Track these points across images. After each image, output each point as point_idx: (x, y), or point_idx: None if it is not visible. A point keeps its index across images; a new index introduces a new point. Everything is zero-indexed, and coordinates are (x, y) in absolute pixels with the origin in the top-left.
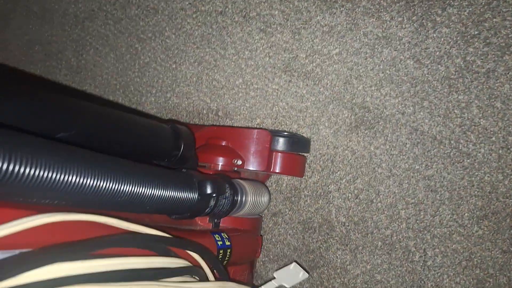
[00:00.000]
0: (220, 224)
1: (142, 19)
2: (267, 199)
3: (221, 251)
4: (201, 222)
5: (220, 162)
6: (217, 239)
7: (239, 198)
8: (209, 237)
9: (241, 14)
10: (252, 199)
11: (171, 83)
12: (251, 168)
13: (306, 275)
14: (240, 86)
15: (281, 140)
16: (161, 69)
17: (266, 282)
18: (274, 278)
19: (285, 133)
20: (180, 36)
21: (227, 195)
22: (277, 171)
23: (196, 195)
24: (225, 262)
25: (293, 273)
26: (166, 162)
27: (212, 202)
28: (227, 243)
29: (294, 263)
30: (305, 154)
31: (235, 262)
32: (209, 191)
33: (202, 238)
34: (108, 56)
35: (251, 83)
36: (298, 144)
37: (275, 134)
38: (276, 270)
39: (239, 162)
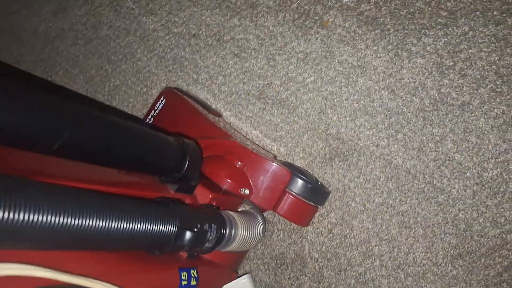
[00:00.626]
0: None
1: (114, 40)
2: (259, 233)
3: None
4: None
5: (227, 185)
6: (183, 278)
7: (226, 236)
8: (173, 273)
9: (214, 38)
10: (242, 236)
11: (142, 108)
12: (256, 202)
13: None
14: None
15: (300, 184)
16: (131, 92)
17: None
18: None
19: (306, 178)
20: (151, 59)
21: (209, 237)
22: (281, 213)
23: (172, 240)
24: None
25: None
26: (164, 179)
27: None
28: (193, 283)
29: (248, 276)
30: (318, 206)
31: None
32: (184, 243)
33: (165, 272)
34: (77, 78)
35: (224, 110)
36: (316, 194)
37: (295, 173)
38: (227, 283)
39: (246, 192)
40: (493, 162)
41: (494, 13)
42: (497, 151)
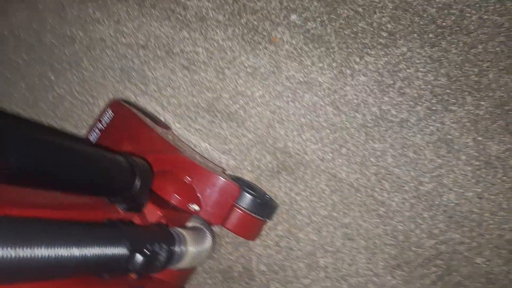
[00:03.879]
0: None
1: (58, 47)
2: (208, 249)
3: None
4: None
5: (175, 201)
6: None
7: (176, 254)
8: None
9: (164, 49)
10: (192, 253)
11: (87, 118)
12: (204, 217)
13: None
14: None
15: (248, 199)
16: (76, 102)
17: None
18: None
19: (254, 193)
20: (98, 69)
21: (160, 258)
22: (229, 228)
23: (123, 263)
24: None
25: None
26: (113, 199)
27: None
28: None
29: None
30: (267, 220)
31: None
32: (135, 267)
33: None
34: (19, 86)
35: (172, 122)
36: (265, 208)
37: (244, 188)
38: None
39: (196, 208)
40: (429, 176)
41: (430, 35)
42: (432, 166)
